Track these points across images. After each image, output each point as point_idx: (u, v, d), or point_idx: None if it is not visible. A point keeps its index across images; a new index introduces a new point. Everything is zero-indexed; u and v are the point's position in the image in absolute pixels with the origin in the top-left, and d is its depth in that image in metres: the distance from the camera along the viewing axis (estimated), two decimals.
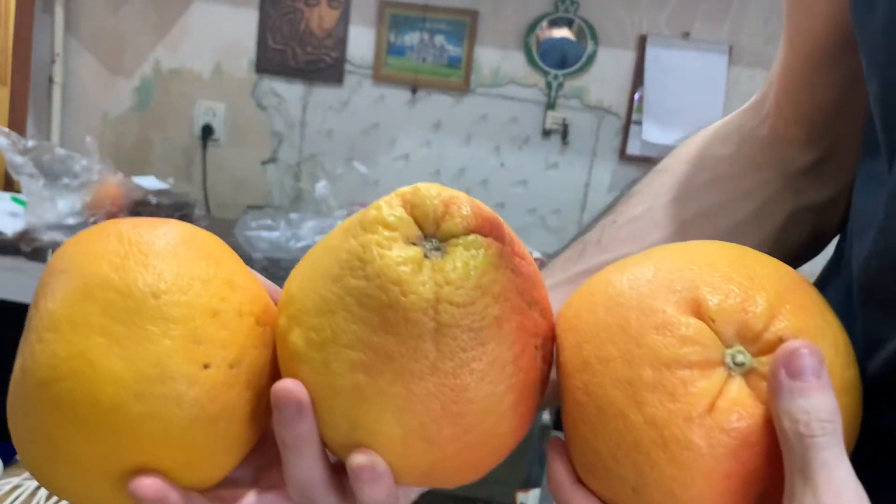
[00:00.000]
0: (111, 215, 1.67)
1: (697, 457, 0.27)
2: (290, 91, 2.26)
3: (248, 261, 1.69)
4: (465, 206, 0.31)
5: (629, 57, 2.13)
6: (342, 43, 2.20)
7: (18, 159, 1.62)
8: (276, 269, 1.65)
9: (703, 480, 0.28)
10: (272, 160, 2.30)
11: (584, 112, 2.17)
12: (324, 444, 0.33)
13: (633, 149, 2.16)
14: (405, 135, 2.24)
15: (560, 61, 2.13)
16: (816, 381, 0.28)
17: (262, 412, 0.34)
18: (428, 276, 0.30)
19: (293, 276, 0.34)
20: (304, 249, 1.72)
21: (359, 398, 0.30)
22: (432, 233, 0.31)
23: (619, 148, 2.17)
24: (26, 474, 1.43)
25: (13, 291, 1.60)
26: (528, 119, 2.19)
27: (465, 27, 2.14)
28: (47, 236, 1.61)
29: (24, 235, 1.62)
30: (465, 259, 0.30)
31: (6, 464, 1.52)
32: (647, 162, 2.14)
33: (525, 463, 2.32)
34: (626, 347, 0.29)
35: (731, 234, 0.51)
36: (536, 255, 1.83)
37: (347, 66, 2.22)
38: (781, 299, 0.29)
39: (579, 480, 0.34)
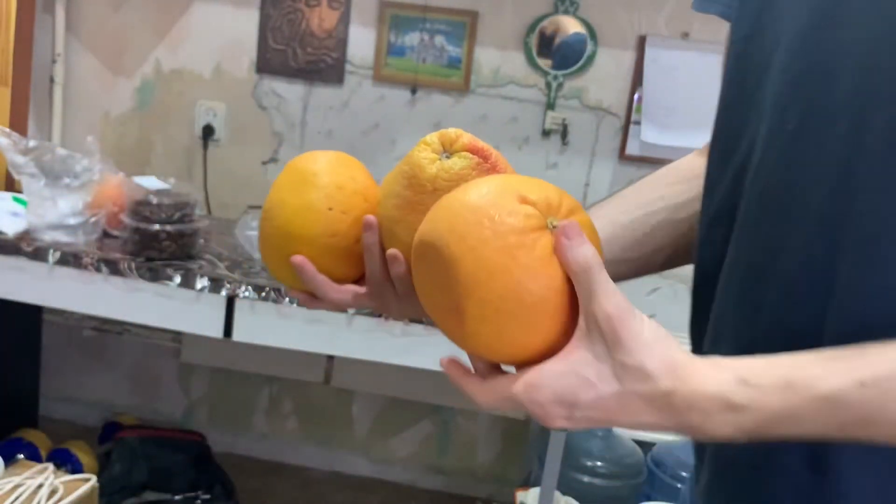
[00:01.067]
0: (112, 215, 1.68)
1: (548, 280, 0.48)
2: (290, 91, 2.26)
3: (249, 260, 1.70)
4: (465, 138, 0.59)
5: (628, 57, 2.14)
6: (342, 43, 2.21)
7: (19, 159, 1.62)
8: None
9: (545, 289, 0.48)
10: (273, 160, 2.31)
11: (583, 112, 2.18)
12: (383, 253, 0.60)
13: (633, 149, 2.16)
14: (405, 135, 2.25)
15: (575, 59, 2.14)
16: (580, 238, 0.46)
17: (360, 251, 0.62)
18: (436, 166, 0.58)
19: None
20: None
21: (393, 222, 0.60)
22: (447, 149, 0.59)
23: (619, 148, 2.18)
24: (27, 473, 1.43)
25: (14, 291, 1.61)
26: (528, 119, 2.20)
27: (465, 28, 2.15)
28: (48, 236, 1.61)
29: (26, 235, 1.63)
30: (456, 161, 0.58)
31: (7, 462, 1.53)
32: (646, 162, 2.15)
33: (524, 462, 2.32)
34: (494, 228, 0.48)
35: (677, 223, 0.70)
36: None
37: (348, 67, 2.22)
38: (563, 196, 0.51)
39: (473, 374, 0.52)
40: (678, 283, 2.14)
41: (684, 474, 1.74)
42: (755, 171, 0.54)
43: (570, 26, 2.13)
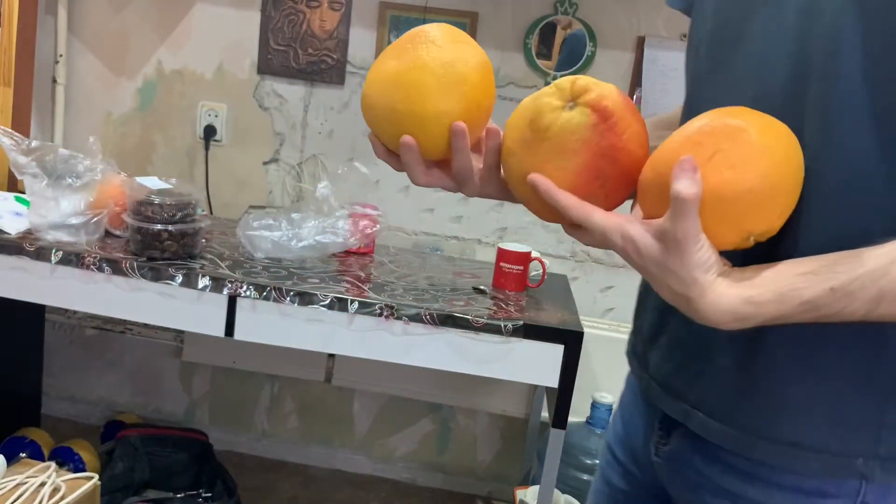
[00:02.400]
0: (114, 215, 1.69)
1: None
2: (291, 92, 2.27)
3: (250, 260, 1.71)
4: (593, 94, 0.63)
5: (627, 58, 2.15)
6: (343, 44, 2.22)
7: (22, 159, 1.63)
8: (277, 268, 1.67)
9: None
10: (274, 160, 2.32)
11: None
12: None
13: None
14: None
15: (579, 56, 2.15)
16: (693, 174, 0.56)
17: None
18: (556, 114, 0.63)
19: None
20: (306, 249, 1.74)
21: (508, 153, 0.69)
22: (573, 98, 0.63)
23: None
24: (29, 472, 1.44)
25: (17, 290, 1.62)
26: None
27: (465, 29, 2.16)
28: (51, 236, 1.62)
29: (28, 235, 1.64)
30: (576, 115, 0.63)
31: (9, 461, 1.53)
32: None
33: (524, 460, 2.33)
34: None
35: None
36: (535, 254, 1.84)
37: (348, 67, 2.23)
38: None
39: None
40: None
41: None
42: None
43: (577, 23, 2.14)
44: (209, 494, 2.09)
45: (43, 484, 1.40)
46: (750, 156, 0.57)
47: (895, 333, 0.63)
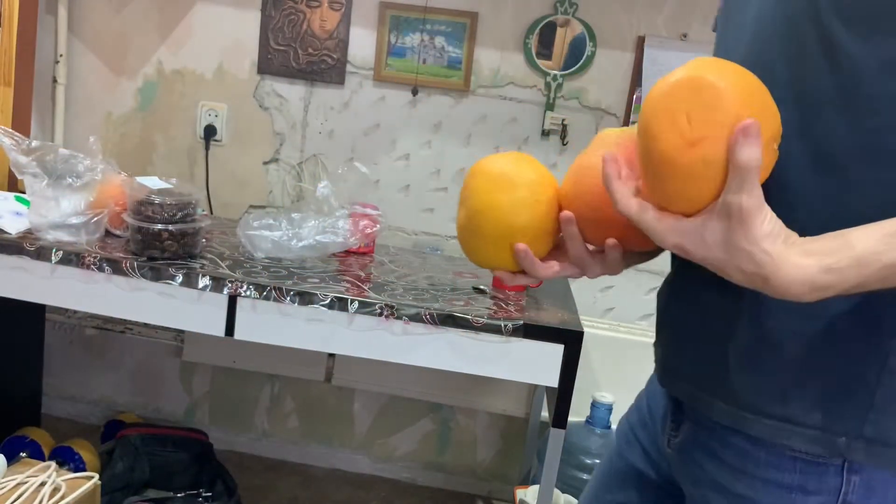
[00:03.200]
0: (114, 215, 1.69)
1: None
2: (291, 92, 2.28)
3: (250, 260, 1.71)
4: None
5: (627, 58, 2.15)
6: (343, 44, 2.22)
7: (22, 159, 1.63)
8: (277, 268, 1.67)
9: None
10: (274, 160, 2.32)
11: (582, 113, 2.19)
12: (584, 240, 0.74)
13: None
14: (406, 135, 2.26)
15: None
16: (756, 139, 0.55)
17: (553, 230, 0.76)
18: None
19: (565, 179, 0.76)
20: (306, 248, 1.74)
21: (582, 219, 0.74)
22: None
23: None
24: (29, 471, 1.44)
25: (17, 290, 1.62)
26: (528, 119, 2.21)
27: (466, 29, 2.16)
28: (51, 236, 1.62)
29: (28, 235, 1.64)
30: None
31: (10, 461, 1.54)
32: None
33: (524, 460, 2.33)
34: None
35: None
36: None
37: (349, 67, 2.23)
38: None
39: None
40: None
41: None
42: None
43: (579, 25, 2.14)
44: (209, 494, 2.09)
45: (43, 483, 1.40)
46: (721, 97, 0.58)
47: (888, 313, 0.64)
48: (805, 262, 0.56)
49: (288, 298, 1.54)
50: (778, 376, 0.68)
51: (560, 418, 1.53)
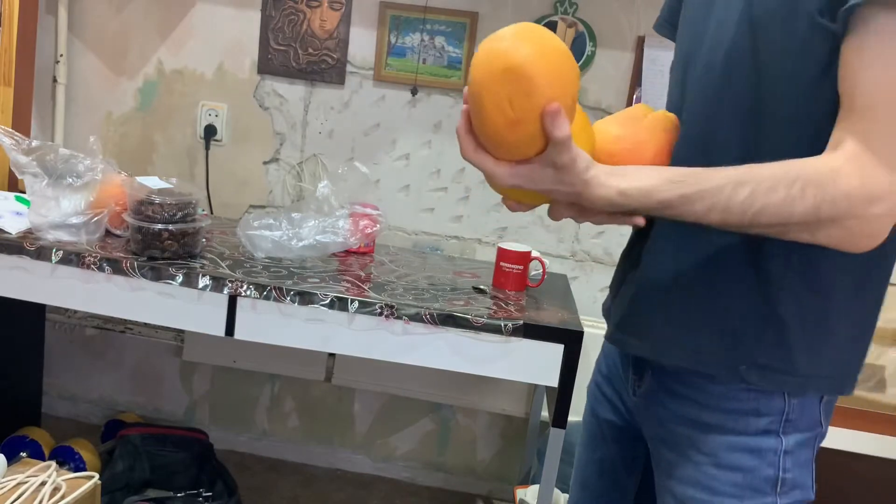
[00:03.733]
0: (115, 215, 1.69)
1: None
2: (291, 91, 2.28)
3: (251, 259, 1.71)
4: None
5: (627, 58, 2.15)
6: (343, 44, 2.22)
7: (22, 159, 1.63)
8: (277, 267, 1.67)
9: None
10: (274, 160, 2.32)
11: None
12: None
13: None
14: (406, 135, 2.26)
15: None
16: (562, 118, 0.76)
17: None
18: None
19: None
20: (306, 248, 1.74)
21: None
22: None
23: None
24: (30, 471, 1.44)
25: (18, 290, 1.62)
26: None
27: (465, 28, 2.16)
28: (51, 235, 1.62)
29: (28, 234, 1.64)
30: None
31: (10, 460, 1.54)
32: None
33: (524, 459, 2.33)
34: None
35: None
36: (535, 254, 1.84)
37: (349, 67, 2.23)
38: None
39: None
40: None
41: None
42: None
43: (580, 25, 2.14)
44: (209, 494, 2.09)
45: (43, 483, 1.41)
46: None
47: (774, 266, 0.83)
48: (608, 183, 0.77)
49: (288, 298, 1.54)
50: (693, 316, 0.88)
51: (560, 418, 1.53)
